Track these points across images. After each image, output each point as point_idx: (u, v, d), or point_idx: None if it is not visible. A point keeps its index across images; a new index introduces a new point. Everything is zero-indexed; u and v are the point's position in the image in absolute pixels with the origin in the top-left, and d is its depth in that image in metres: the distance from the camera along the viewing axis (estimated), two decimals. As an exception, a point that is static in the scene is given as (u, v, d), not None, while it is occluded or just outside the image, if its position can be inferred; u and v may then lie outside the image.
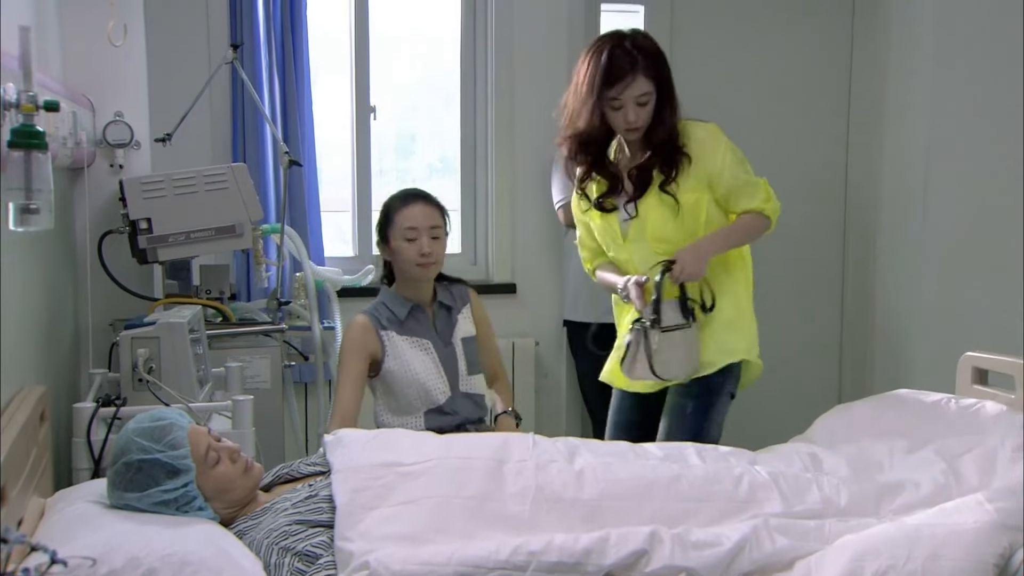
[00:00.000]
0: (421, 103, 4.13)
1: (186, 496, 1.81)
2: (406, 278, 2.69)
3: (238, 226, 2.66)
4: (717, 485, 1.94)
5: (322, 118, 3.63)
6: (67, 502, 1.85)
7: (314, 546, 1.73)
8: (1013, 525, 1.76)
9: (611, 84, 2.51)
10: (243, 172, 2.70)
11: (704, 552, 1.73)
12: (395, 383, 2.64)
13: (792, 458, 2.17)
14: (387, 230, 2.67)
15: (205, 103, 3.17)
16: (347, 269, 3.43)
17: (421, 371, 2.64)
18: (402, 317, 2.67)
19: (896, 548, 1.71)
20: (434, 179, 4.14)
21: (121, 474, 1.81)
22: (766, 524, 1.81)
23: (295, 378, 3.39)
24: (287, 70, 3.46)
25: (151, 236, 2.58)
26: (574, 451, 2.03)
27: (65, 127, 2.34)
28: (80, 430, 2.08)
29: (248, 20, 3.40)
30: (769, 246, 3.61)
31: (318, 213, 3.56)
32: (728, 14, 4.01)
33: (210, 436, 1.89)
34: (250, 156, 3.41)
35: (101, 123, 2.81)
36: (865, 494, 1.97)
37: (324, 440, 2.09)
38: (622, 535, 1.73)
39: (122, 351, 2.17)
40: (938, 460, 2.04)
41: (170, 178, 2.62)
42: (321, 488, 1.89)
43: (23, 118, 1.69)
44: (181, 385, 2.17)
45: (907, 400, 2.38)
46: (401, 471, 1.88)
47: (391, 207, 2.69)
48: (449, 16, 3.88)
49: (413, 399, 2.64)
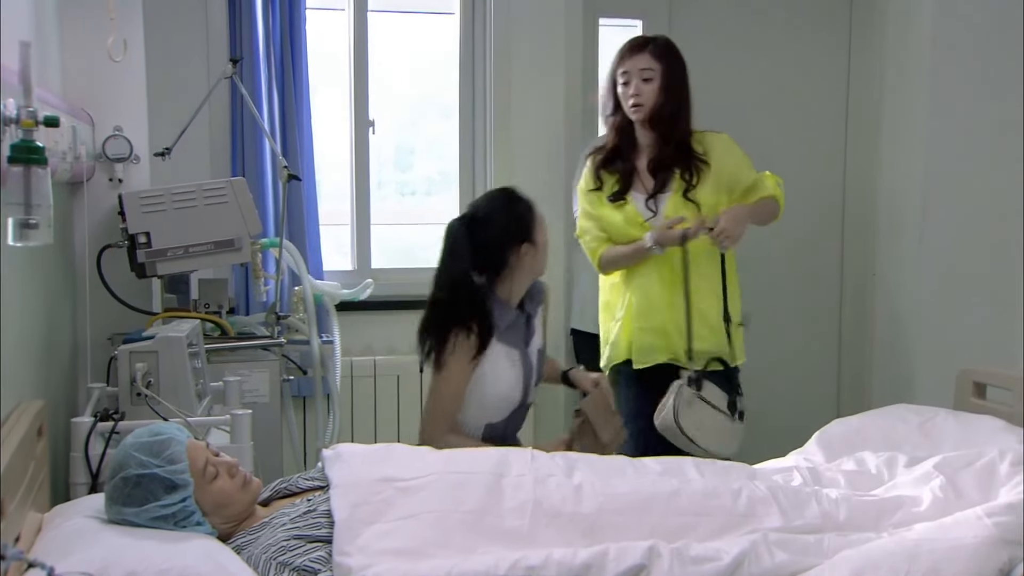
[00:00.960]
0: (420, 117, 4.14)
1: (184, 511, 1.81)
2: (526, 279, 2.60)
3: (237, 240, 2.66)
4: (716, 500, 1.93)
5: (321, 132, 3.64)
6: (65, 517, 1.84)
7: (312, 561, 1.73)
8: (1013, 540, 1.76)
9: (621, 58, 2.83)
10: (242, 186, 2.71)
11: (703, 567, 1.73)
12: (479, 392, 2.56)
13: (791, 472, 2.17)
14: (532, 229, 2.58)
15: (204, 117, 3.18)
16: (346, 283, 3.43)
17: (506, 386, 2.57)
18: (506, 324, 2.57)
19: (896, 563, 1.71)
20: (433, 193, 4.15)
21: (119, 489, 1.80)
22: (765, 539, 1.81)
23: (294, 392, 3.38)
24: (286, 84, 3.47)
25: (150, 250, 2.58)
26: (573, 465, 2.03)
27: (65, 142, 2.35)
28: (78, 444, 2.08)
29: (247, 35, 3.41)
30: (766, 258, 3.62)
31: (317, 227, 3.57)
32: (725, 27, 4.03)
33: (208, 451, 1.89)
34: (249, 170, 3.42)
35: (101, 137, 2.82)
36: (864, 509, 1.97)
37: (323, 455, 2.08)
38: (621, 550, 1.73)
39: (120, 365, 2.17)
40: (937, 474, 2.03)
41: (169, 192, 2.62)
42: (319, 503, 1.89)
43: (23, 133, 1.70)
44: (179, 399, 2.17)
45: (906, 414, 2.38)
46: (400, 486, 1.88)
47: (529, 205, 2.61)
48: (447, 30, 3.89)
49: (486, 410, 2.56)
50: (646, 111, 2.78)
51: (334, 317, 3.23)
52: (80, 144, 2.55)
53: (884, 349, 3.94)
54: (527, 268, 2.59)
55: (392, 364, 3.69)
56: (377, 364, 3.67)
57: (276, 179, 3.41)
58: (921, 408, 2.40)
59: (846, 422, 2.47)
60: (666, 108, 2.79)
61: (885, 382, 3.90)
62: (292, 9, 3.46)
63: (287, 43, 3.46)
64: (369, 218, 3.82)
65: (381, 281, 3.54)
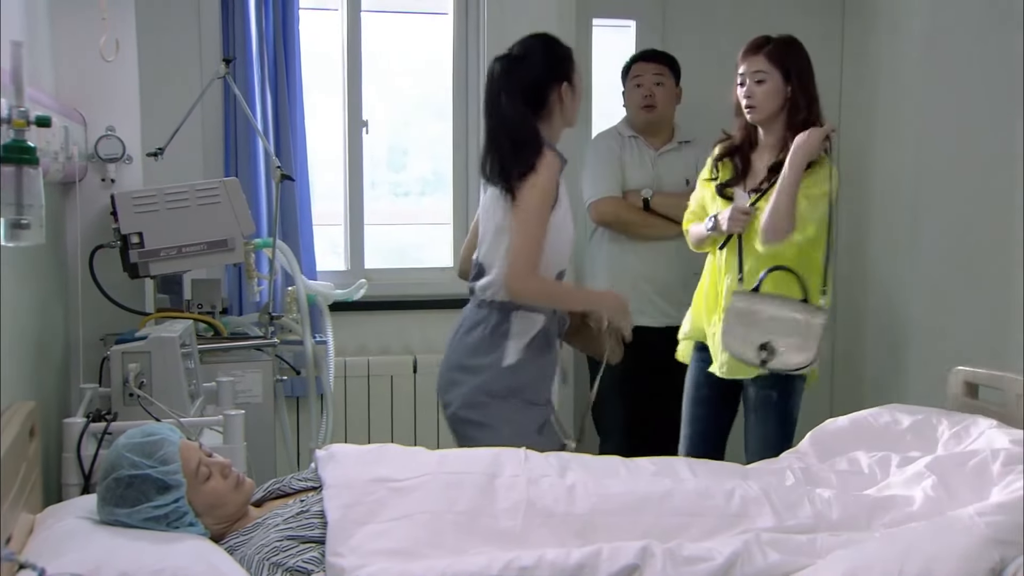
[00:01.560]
0: (413, 117, 4.14)
1: (177, 512, 1.81)
2: (559, 125, 2.62)
3: (230, 240, 2.66)
4: (709, 500, 1.94)
5: (314, 132, 3.63)
6: (57, 518, 1.84)
7: (305, 562, 1.72)
8: (1005, 540, 1.76)
9: (740, 59, 2.86)
10: (235, 186, 2.71)
11: (696, 567, 1.73)
12: (554, 236, 2.52)
13: (784, 472, 2.17)
14: (572, 70, 2.60)
15: (197, 118, 3.17)
16: (339, 283, 3.42)
17: (570, 232, 2.61)
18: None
19: (888, 563, 1.71)
20: (427, 193, 4.15)
21: (111, 489, 1.80)
22: (758, 539, 1.81)
23: (287, 392, 3.38)
24: (279, 84, 3.46)
25: (143, 250, 2.58)
26: (566, 466, 2.04)
27: (57, 142, 2.34)
28: (70, 445, 2.07)
29: (240, 35, 3.41)
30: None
31: (310, 227, 3.56)
32: (718, 27, 4.03)
33: (201, 451, 1.89)
34: (242, 170, 3.41)
35: (93, 137, 2.82)
36: (857, 508, 1.97)
37: (316, 455, 2.08)
38: (614, 550, 1.73)
39: (113, 366, 2.17)
40: (929, 474, 2.04)
41: (162, 192, 2.62)
42: (312, 503, 1.89)
43: (14, 133, 1.70)
44: (172, 400, 2.17)
45: (898, 414, 2.38)
46: (393, 486, 1.88)
47: (568, 49, 2.63)
48: (441, 30, 3.89)
49: (557, 256, 2.55)
50: (759, 113, 2.82)
51: (327, 317, 3.23)
52: (72, 144, 2.54)
53: (877, 350, 3.94)
54: (565, 112, 2.60)
55: (386, 364, 3.69)
56: (371, 364, 3.67)
57: (269, 179, 3.41)
58: (913, 408, 2.41)
59: (839, 422, 2.47)
60: (780, 113, 2.82)
61: (878, 382, 3.91)
62: (285, 9, 3.45)
63: (280, 43, 3.46)
64: (363, 218, 3.81)
65: (375, 281, 3.54)
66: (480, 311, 2.60)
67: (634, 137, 3.56)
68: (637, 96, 3.52)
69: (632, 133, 3.57)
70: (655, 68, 3.53)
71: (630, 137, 3.56)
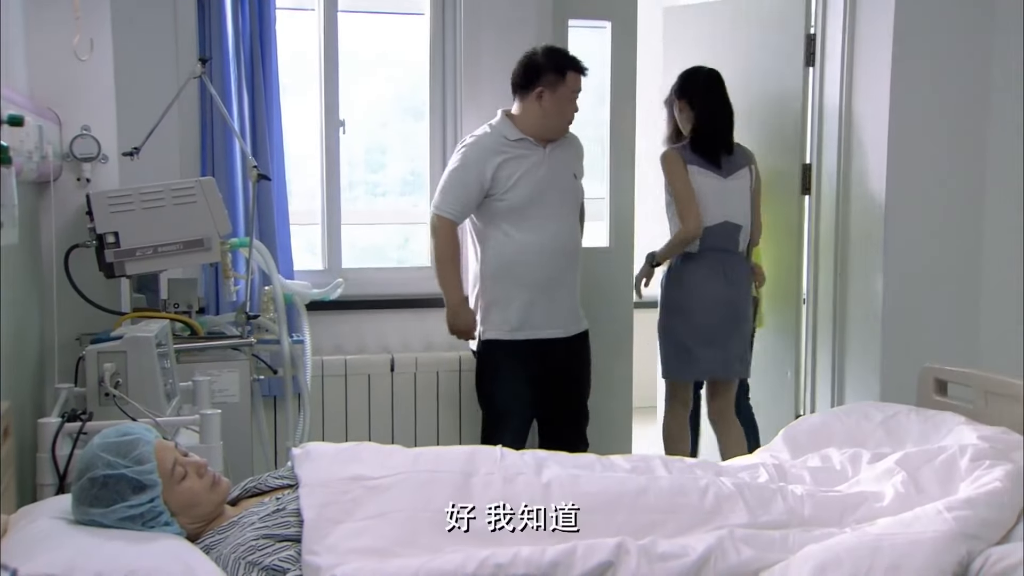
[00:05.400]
0: (391, 117, 4.14)
1: (152, 511, 1.80)
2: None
3: (206, 240, 2.66)
4: (683, 497, 1.95)
5: (291, 132, 3.63)
6: (30, 519, 1.83)
7: (281, 560, 1.73)
8: (972, 534, 1.80)
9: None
10: (211, 186, 2.70)
11: (670, 563, 1.75)
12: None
13: (757, 469, 2.20)
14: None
15: (173, 117, 3.16)
16: (316, 283, 3.42)
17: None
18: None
19: (858, 558, 1.74)
20: (405, 193, 4.15)
21: (86, 489, 1.80)
22: (731, 535, 1.83)
23: (264, 392, 3.37)
24: (256, 84, 3.46)
25: (118, 250, 2.58)
26: (542, 464, 2.05)
27: (31, 141, 2.33)
28: (45, 445, 2.06)
29: (217, 34, 3.40)
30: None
31: (287, 227, 3.56)
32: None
33: (177, 451, 1.88)
34: (219, 170, 3.40)
35: (68, 137, 2.80)
36: (828, 505, 2.00)
37: (292, 453, 2.09)
38: (589, 547, 1.75)
39: (88, 365, 2.16)
40: (899, 470, 2.07)
41: (138, 192, 2.61)
42: (288, 502, 1.89)
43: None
44: (148, 399, 2.16)
45: (869, 411, 2.42)
46: (368, 485, 1.88)
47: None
48: (418, 30, 3.89)
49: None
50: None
51: (304, 317, 3.23)
52: (47, 143, 2.53)
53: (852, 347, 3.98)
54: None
55: (363, 363, 3.69)
56: (348, 364, 3.67)
57: (246, 179, 3.40)
58: (884, 405, 2.44)
59: (811, 419, 2.50)
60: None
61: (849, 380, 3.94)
62: (262, 9, 3.44)
63: (256, 43, 3.45)
64: (339, 218, 3.81)
65: (352, 281, 3.54)
66: None
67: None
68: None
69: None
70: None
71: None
